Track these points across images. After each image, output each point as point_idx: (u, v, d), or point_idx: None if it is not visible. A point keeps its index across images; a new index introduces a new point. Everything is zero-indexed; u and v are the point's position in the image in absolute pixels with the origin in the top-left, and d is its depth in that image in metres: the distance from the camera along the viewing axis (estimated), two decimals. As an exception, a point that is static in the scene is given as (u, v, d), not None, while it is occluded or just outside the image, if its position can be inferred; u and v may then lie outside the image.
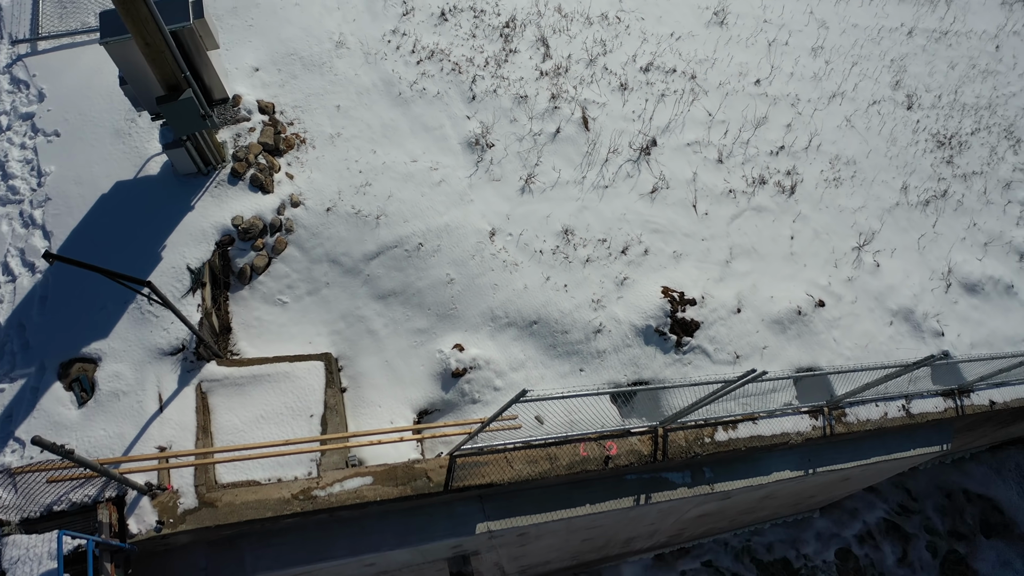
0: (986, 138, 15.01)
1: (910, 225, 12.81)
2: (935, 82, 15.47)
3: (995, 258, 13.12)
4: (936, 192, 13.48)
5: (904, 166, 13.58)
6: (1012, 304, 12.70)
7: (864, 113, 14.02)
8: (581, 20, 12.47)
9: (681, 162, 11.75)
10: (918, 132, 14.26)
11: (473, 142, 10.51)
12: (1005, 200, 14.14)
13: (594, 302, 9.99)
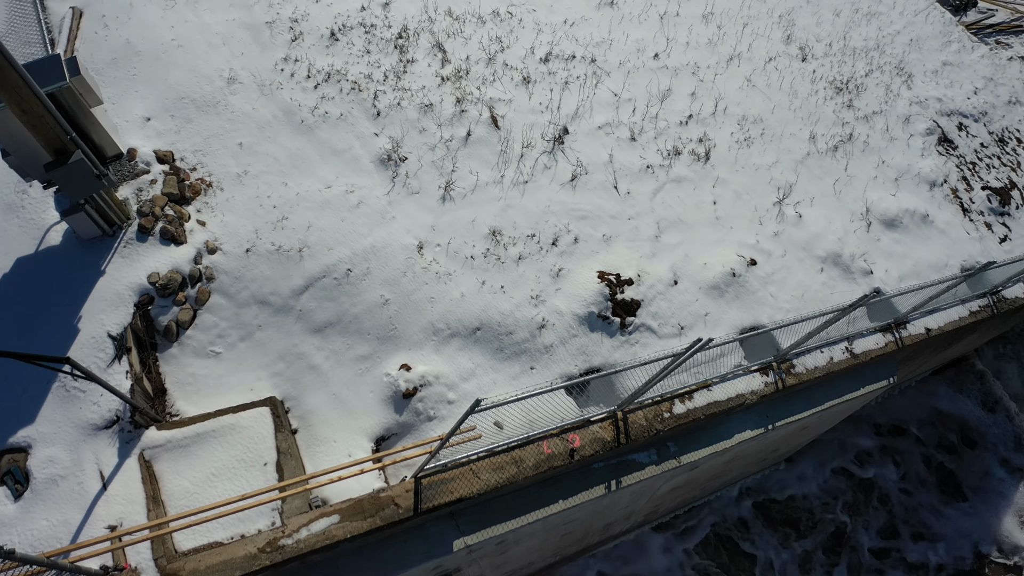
0: (880, 78, 15.51)
1: (824, 172, 13.13)
2: (824, 31, 15.91)
3: (907, 191, 13.57)
4: (842, 137, 13.86)
5: (808, 116, 13.92)
6: (930, 232, 13.14)
7: (762, 71, 14.32)
8: (474, 20, 12.39)
9: (595, 146, 11.78)
10: (816, 82, 14.64)
11: (385, 158, 10.32)
12: (907, 134, 14.64)
13: (533, 298, 9.92)
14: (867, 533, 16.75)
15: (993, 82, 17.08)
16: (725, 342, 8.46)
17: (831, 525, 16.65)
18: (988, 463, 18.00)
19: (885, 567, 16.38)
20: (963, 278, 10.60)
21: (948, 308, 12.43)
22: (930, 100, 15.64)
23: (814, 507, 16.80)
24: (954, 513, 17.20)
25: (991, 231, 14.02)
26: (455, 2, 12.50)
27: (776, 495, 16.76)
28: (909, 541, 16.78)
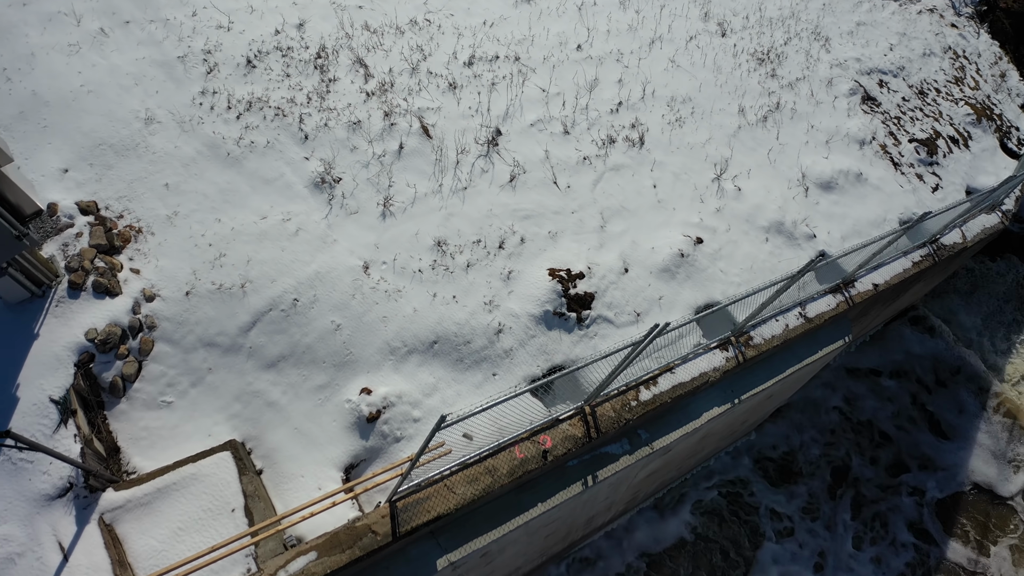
0: (799, 44, 15.77)
1: (756, 143, 13.29)
2: (739, 5, 16.12)
3: (839, 152, 13.81)
4: (770, 106, 14.05)
5: (735, 90, 14.08)
6: (866, 190, 13.40)
7: (685, 51, 14.43)
8: (392, 32, 12.23)
9: (530, 144, 11.72)
10: (738, 56, 14.82)
11: (319, 181, 10.10)
12: (832, 97, 14.91)
13: (487, 304, 9.82)
14: (865, 466, 17.29)
15: (907, 37, 17.51)
16: (682, 324, 8.47)
17: (828, 468, 17.17)
18: (961, 397, 18.51)
19: (887, 496, 16.85)
20: (903, 231, 10.82)
21: (892, 262, 12.68)
22: (849, 61, 15.95)
23: (811, 455, 17.31)
24: (943, 446, 17.81)
25: (923, 182, 14.36)
26: (371, 15, 12.32)
27: (770, 453, 17.15)
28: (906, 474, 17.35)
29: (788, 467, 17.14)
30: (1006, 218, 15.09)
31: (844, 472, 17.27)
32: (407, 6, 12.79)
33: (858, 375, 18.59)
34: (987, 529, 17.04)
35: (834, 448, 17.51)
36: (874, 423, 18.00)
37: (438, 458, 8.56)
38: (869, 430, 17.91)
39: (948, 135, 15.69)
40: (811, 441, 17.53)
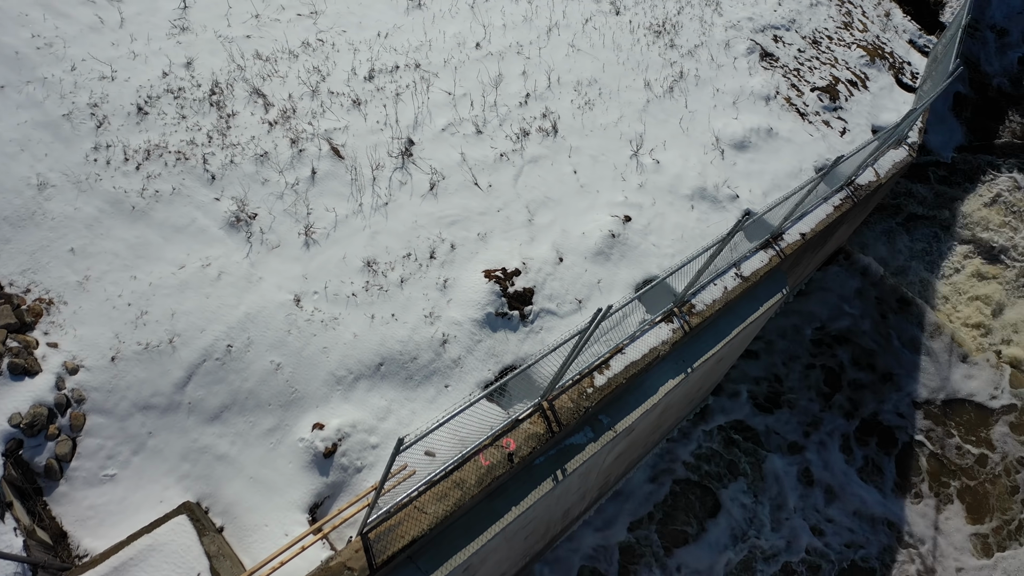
0: (692, 12, 15.99)
1: (667, 115, 13.40)
2: (628, -19, 16.24)
3: (747, 112, 14.04)
4: (674, 76, 14.19)
5: (637, 65, 14.18)
6: (778, 144, 13.66)
7: (583, 34, 14.47)
8: (285, 57, 11.90)
9: (445, 149, 11.56)
10: (635, 31, 14.93)
11: (234, 221, 9.75)
12: (731, 58, 15.16)
13: (427, 317, 9.63)
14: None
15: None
16: (624, 304, 8.44)
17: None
18: (900, 327, 19.09)
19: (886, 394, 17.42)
20: (819, 178, 11.03)
21: (815, 209, 12.95)
22: (742, 21, 16.25)
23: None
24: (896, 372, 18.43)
25: (831, 128, 14.72)
26: (261, 43, 11.96)
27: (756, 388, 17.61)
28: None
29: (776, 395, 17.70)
30: (913, 151, 15.59)
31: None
32: (296, 29, 12.47)
33: (800, 327, 19.02)
34: (968, 428, 17.73)
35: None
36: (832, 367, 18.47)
37: (403, 481, 8.35)
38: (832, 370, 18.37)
39: (847, 79, 16.12)
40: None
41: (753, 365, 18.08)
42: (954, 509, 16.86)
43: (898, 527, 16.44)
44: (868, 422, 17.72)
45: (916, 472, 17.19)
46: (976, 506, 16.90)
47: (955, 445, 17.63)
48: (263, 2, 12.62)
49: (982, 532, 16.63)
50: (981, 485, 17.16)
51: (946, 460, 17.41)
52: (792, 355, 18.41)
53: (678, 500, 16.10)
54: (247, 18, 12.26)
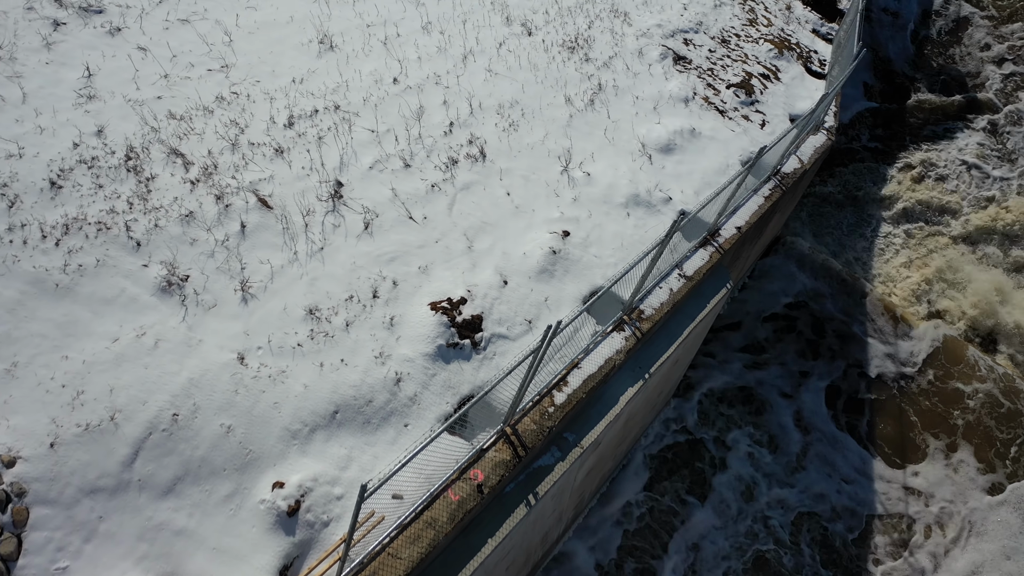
0: (602, 25, 16.25)
1: (591, 127, 13.54)
2: (536, 2, 16.46)
3: (668, 115, 14.28)
4: (593, 89, 14.37)
5: (556, 82, 14.31)
6: (702, 143, 13.90)
7: (498, 58, 14.56)
8: (200, 113, 11.66)
9: (375, 186, 11.44)
10: (549, 50, 15.10)
11: (165, 286, 9.43)
12: (646, 65, 15.42)
13: (378, 357, 9.44)
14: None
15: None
16: (573, 318, 8.41)
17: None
18: (842, 305, 19.51)
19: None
20: (746, 171, 11.24)
21: (747, 202, 13.19)
22: (652, 29, 16.58)
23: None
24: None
25: (751, 121, 15.06)
26: (173, 102, 11.70)
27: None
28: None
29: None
30: (831, 134, 16.04)
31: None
32: (209, 84, 12.24)
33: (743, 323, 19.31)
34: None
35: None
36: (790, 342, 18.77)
37: (373, 528, 8.10)
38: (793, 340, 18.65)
39: (759, 73, 16.55)
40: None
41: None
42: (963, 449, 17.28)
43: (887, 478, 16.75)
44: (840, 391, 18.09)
45: (900, 424, 17.55)
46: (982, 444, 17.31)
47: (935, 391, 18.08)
48: (171, 62, 12.37)
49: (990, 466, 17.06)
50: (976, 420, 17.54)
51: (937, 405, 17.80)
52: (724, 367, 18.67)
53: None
54: (156, 79, 11.99)
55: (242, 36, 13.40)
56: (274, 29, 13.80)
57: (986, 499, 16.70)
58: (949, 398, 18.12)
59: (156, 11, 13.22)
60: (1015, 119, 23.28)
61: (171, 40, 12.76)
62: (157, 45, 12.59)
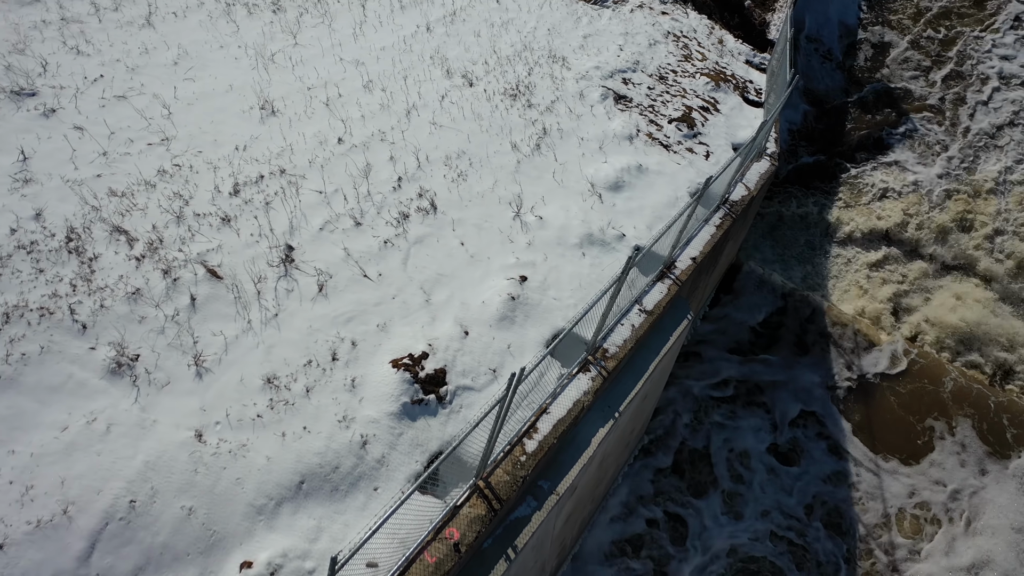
0: (541, 71, 16.50)
1: (539, 171, 13.62)
2: (474, 54, 16.67)
3: (614, 153, 14.45)
4: (538, 134, 14.50)
5: (501, 130, 14.42)
6: (650, 178, 14.07)
7: (442, 110, 14.65)
8: (142, 188, 11.46)
9: (326, 247, 11.30)
10: (492, 99, 15.24)
11: (115, 367, 9.12)
12: (588, 107, 15.65)
13: (341, 421, 9.20)
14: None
15: (630, 35, 18.84)
16: (537, 363, 8.30)
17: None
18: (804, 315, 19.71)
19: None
20: (694, 202, 11.36)
21: (699, 232, 13.32)
22: (590, 71, 16.88)
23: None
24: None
25: (695, 153, 15.31)
26: (113, 179, 11.49)
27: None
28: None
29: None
30: (774, 159, 16.38)
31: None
32: (149, 158, 12.07)
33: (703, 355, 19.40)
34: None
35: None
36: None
37: (349, 602, 7.77)
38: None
39: (699, 106, 16.91)
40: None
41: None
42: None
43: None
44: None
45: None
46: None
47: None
48: (109, 139, 12.19)
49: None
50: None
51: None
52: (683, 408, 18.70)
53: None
54: (94, 157, 11.79)
55: (181, 108, 13.30)
56: (214, 99, 13.73)
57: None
58: (915, 406, 18.30)
59: (91, 90, 13.08)
60: (942, 130, 24.08)
61: (108, 117, 12.60)
62: (94, 123, 12.42)
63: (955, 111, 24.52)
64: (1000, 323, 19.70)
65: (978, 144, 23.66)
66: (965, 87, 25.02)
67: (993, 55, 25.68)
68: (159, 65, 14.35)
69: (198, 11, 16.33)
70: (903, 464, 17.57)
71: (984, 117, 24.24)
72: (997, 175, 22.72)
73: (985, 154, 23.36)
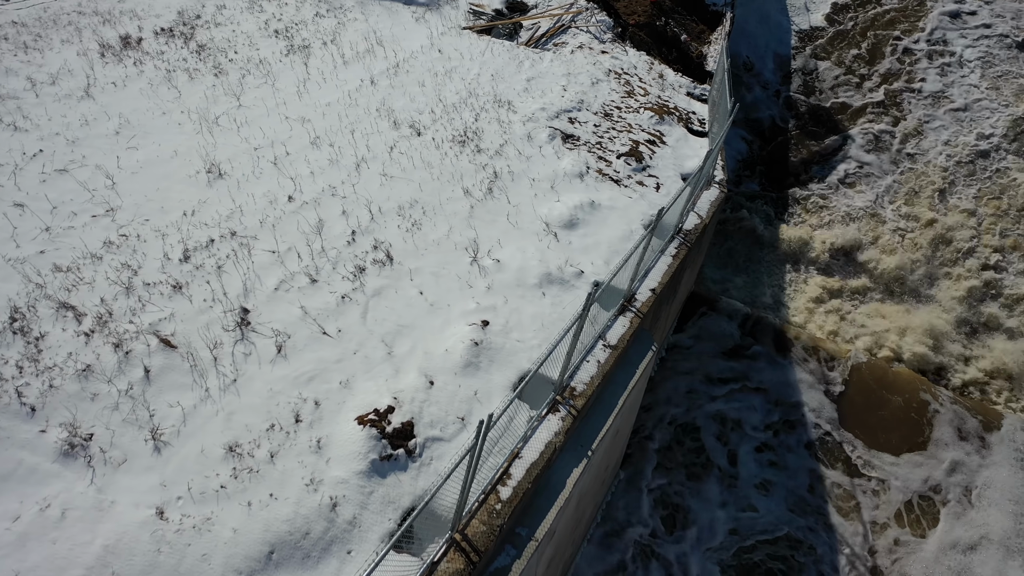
0: (488, 115, 16.65)
1: (493, 215, 13.64)
2: (420, 104, 16.78)
3: (566, 192, 14.55)
4: (489, 177, 14.56)
5: (452, 177, 14.45)
6: (603, 214, 14.18)
7: (391, 161, 14.65)
8: (88, 261, 11.19)
9: (283, 307, 11.11)
10: (441, 146, 15.30)
11: (67, 449, 8.77)
12: (536, 148, 15.80)
13: (309, 485, 8.92)
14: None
15: (572, 75, 19.16)
16: (505, 407, 8.19)
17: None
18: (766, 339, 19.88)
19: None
20: (649, 234, 11.44)
21: (657, 263, 13.41)
22: (536, 113, 17.08)
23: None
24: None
25: (645, 186, 15.50)
26: (57, 255, 11.20)
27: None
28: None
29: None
30: (723, 187, 16.66)
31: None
32: (94, 231, 11.82)
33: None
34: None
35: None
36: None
37: (328, 674, 7.45)
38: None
39: (645, 140, 17.18)
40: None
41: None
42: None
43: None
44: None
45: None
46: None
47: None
48: (51, 214, 11.93)
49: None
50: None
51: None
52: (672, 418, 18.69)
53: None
54: (37, 234, 11.51)
55: (125, 177, 13.10)
56: (158, 165, 13.57)
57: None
58: (874, 417, 18.51)
59: (30, 165, 12.84)
60: (877, 147, 24.84)
61: (50, 192, 12.35)
62: (35, 199, 12.16)
63: (892, 124, 25.31)
64: (938, 326, 20.20)
65: (913, 157, 24.41)
66: (897, 102, 25.89)
67: (917, 70, 26.66)
68: (100, 136, 14.17)
69: (138, 79, 16.21)
70: (883, 457, 17.68)
71: (921, 132, 25.05)
72: (932, 192, 23.42)
73: (921, 168, 24.08)
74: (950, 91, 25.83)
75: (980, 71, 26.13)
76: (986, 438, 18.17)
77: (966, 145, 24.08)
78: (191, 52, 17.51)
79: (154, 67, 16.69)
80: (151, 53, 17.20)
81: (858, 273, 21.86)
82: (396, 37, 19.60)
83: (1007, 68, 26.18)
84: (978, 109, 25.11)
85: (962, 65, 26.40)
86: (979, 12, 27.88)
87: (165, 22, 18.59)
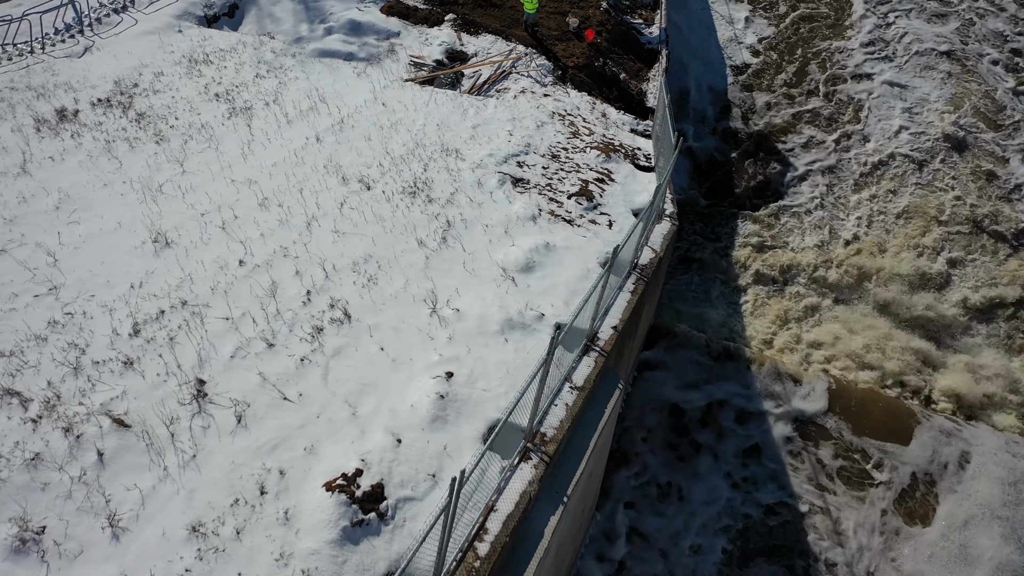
0: (436, 165, 16.66)
1: (449, 264, 13.56)
2: (368, 157, 16.72)
3: (520, 236, 14.56)
4: (443, 227, 14.51)
5: (405, 228, 14.36)
6: (559, 255, 14.20)
7: (343, 217, 14.51)
8: (31, 343, 10.77)
9: (240, 375, 10.80)
10: (391, 199, 15.23)
11: (18, 545, 8.31)
12: (487, 194, 15.82)
13: (279, 559, 8.58)
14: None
15: (517, 120, 19.34)
16: (477, 462, 8.02)
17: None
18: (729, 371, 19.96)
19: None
20: (607, 272, 11.47)
21: (616, 300, 13.43)
22: (484, 159, 17.15)
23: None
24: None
25: (598, 224, 15.60)
26: (1, 338, 10.76)
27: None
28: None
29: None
30: (673, 219, 16.87)
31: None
32: (37, 311, 11.41)
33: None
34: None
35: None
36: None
37: None
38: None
39: (594, 179, 17.35)
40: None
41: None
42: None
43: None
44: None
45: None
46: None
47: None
48: (-10, 296, 11.50)
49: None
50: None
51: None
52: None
53: None
54: (-24, 318, 11.06)
55: (68, 253, 12.73)
56: (102, 239, 13.22)
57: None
58: (848, 441, 18.69)
59: (-34, 248, 12.38)
60: (821, 165, 25.59)
61: (-12, 274, 11.91)
62: (-28, 283, 11.70)
63: (834, 145, 26.10)
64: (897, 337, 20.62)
65: (853, 175, 25.17)
66: (833, 123, 26.76)
67: (848, 89, 27.66)
68: (39, 212, 13.79)
69: (76, 152, 15.88)
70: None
71: (858, 148, 25.87)
72: (868, 204, 24.14)
73: (858, 184, 24.82)
74: (877, 106, 26.83)
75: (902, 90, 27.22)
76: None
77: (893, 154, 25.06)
78: (130, 121, 17.22)
79: (92, 139, 16.36)
80: (88, 125, 16.87)
81: (811, 290, 22.25)
82: (339, 93, 19.59)
83: (927, 90, 27.35)
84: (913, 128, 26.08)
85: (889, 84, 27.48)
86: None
87: (102, 92, 18.29)
